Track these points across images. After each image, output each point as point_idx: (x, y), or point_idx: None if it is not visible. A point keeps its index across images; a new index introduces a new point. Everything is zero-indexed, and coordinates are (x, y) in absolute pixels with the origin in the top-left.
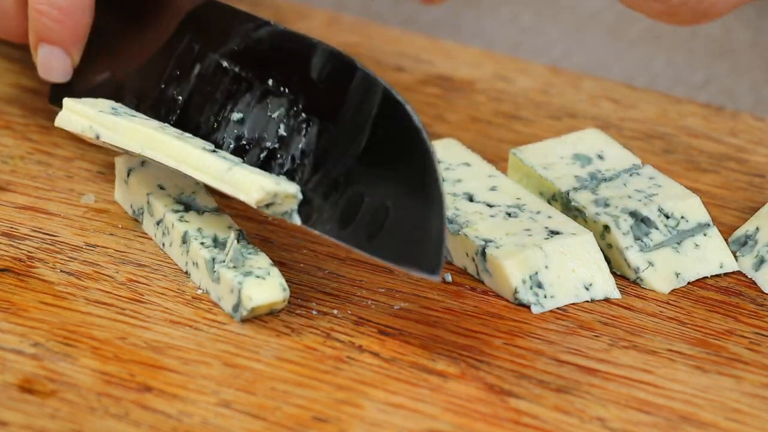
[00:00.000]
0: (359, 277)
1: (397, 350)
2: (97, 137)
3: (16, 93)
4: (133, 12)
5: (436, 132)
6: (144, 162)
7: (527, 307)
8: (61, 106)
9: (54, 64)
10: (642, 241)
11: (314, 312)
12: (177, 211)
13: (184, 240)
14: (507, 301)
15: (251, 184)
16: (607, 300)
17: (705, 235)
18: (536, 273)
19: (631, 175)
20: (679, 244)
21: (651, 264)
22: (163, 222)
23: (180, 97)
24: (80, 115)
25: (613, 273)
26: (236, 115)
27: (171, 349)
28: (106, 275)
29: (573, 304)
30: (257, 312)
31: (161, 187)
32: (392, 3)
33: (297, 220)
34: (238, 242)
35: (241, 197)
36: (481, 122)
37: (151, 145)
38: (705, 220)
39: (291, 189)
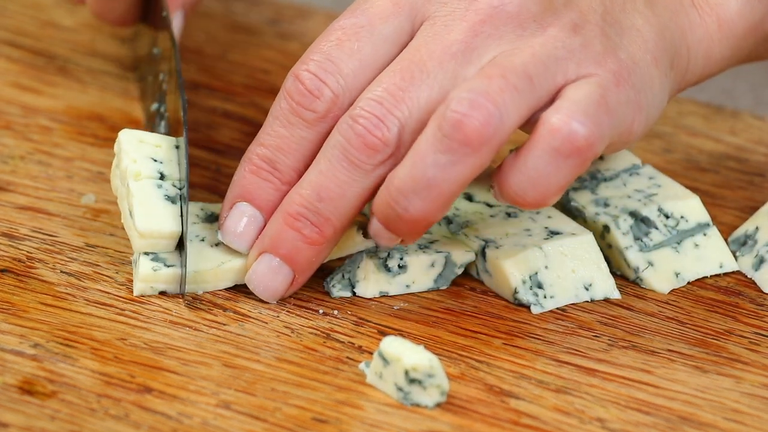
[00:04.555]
0: None
1: None
2: None
3: (16, 93)
4: None
5: None
6: None
7: (527, 307)
8: None
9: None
10: (642, 241)
11: (314, 312)
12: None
13: None
14: (507, 301)
15: None
16: (606, 300)
17: (705, 234)
18: (536, 273)
19: (630, 175)
20: (678, 243)
21: (651, 264)
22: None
23: None
24: None
25: (613, 273)
26: None
27: (171, 350)
28: (106, 276)
29: (573, 304)
30: None
31: None
32: None
33: None
34: None
35: None
36: None
37: None
38: (705, 220)
39: None
